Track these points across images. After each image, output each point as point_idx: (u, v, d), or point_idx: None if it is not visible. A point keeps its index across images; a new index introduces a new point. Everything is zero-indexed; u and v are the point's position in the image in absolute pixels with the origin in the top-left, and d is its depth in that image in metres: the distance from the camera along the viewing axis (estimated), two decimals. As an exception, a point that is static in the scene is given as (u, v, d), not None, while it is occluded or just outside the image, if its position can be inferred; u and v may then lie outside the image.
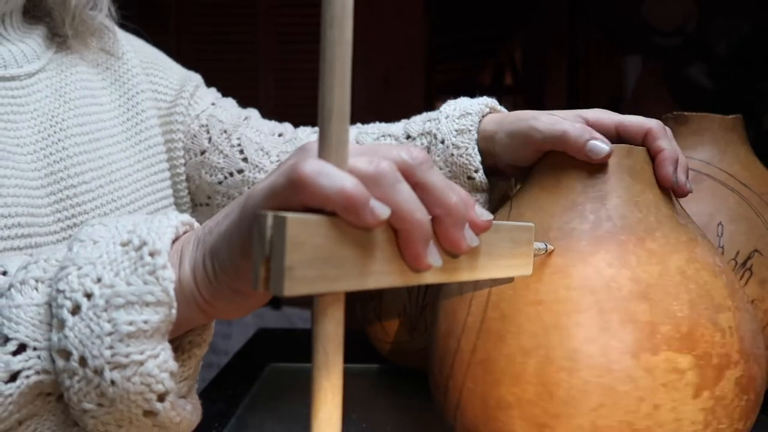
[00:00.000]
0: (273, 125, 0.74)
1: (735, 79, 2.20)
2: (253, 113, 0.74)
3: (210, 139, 0.69)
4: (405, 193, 0.30)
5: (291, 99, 2.30)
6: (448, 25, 3.24)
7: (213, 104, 0.71)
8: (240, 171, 0.69)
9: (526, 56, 3.51)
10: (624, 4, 2.51)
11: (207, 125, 0.69)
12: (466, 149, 0.57)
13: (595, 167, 0.47)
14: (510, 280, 0.45)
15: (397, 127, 0.65)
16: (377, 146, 0.32)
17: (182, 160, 0.69)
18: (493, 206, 0.60)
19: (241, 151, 0.69)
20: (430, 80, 2.51)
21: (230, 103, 0.74)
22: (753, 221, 0.61)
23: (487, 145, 0.57)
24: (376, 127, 0.67)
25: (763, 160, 0.66)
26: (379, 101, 2.26)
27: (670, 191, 0.48)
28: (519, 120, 0.53)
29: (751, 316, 0.46)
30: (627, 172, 0.47)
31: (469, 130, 0.58)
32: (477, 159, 0.57)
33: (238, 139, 0.69)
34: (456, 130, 0.58)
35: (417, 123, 0.63)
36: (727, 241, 0.60)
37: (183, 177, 0.69)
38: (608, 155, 0.46)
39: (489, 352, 0.44)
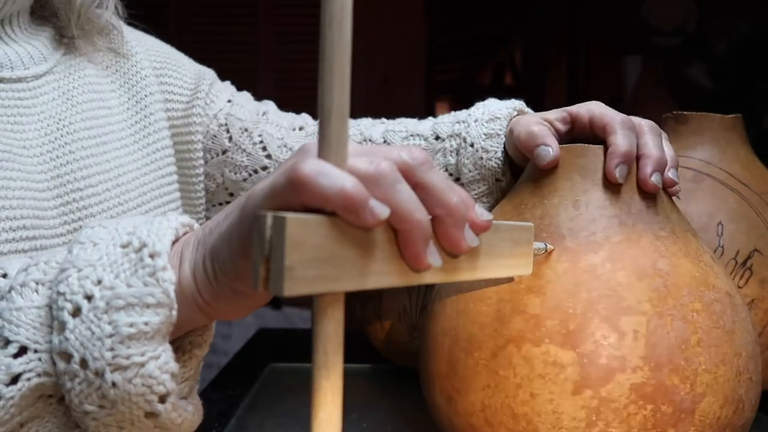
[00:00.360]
0: (292, 118, 0.74)
1: (735, 79, 2.20)
2: (270, 106, 0.74)
3: (231, 138, 0.69)
4: (405, 193, 0.30)
5: (291, 99, 2.28)
6: (448, 25, 3.24)
7: (229, 101, 0.71)
8: (264, 168, 0.69)
9: (526, 56, 3.51)
10: (624, 4, 2.51)
11: (226, 124, 0.69)
12: (495, 153, 0.58)
13: (556, 168, 0.49)
14: (510, 279, 0.45)
15: (425, 127, 0.65)
16: (377, 146, 0.32)
17: (201, 161, 0.68)
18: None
19: (264, 148, 0.69)
20: (429, 80, 2.50)
21: (246, 97, 0.74)
22: (753, 221, 0.61)
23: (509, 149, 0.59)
24: (404, 126, 0.67)
25: (763, 160, 0.66)
26: (378, 101, 2.26)
27: (637, 189, 0.47)
28: (517, 124, 0.54)
29: (700, 328, 0.43)
30: (577, 172, 0.48)
31: (498, 134, 0.59)
32: (505, 163, 0.59)
33: (260, 136, 0.69)
34: (485, 134, 0.59)
35: (446, 124, 0.64)
36: (727, 240, 0.60)
37: (201, 177, 0.69)
38: (553, 161, 0.48)
39: (425, 331, 0.51)
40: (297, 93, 2.33)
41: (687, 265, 0.45)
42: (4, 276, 0.38)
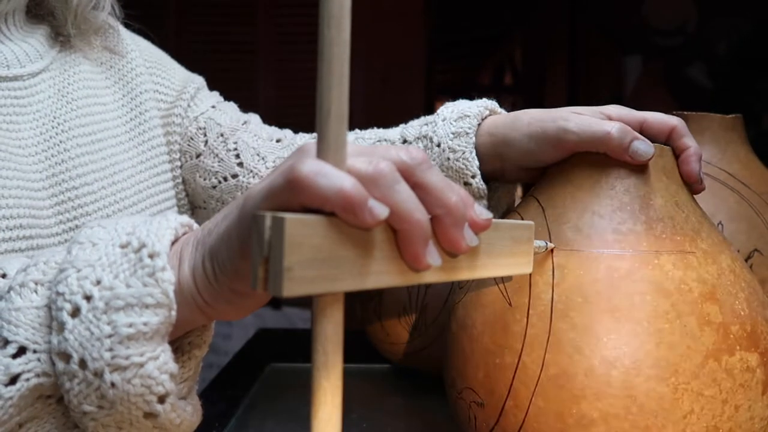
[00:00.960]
0: (272, 131, 0.72)
1: (735, 79, 2.20)
2: (254, 118, 0.73)
3: (206, 143, 0.68)
4: (404, 193, 0.30)
5: (291, 99, 2.30)
6: (448, 25, 3.24)
7: (213, 107, 0.71)
8: (234, 176, 0.67)
9: (526, 56, 3.50)
10: (624, 4, 2.51)
11: (204, 128, 0.68)
12: (463, 153, 0.55)
13: (632, 166, 0.46)
14: (510, 278, 0.45)
15: (394, 132, 0.64)
16: (376, 146, 0.32)
17: (178, 163, 0.68)
18: (494, 213, 0.58)
19: (237, 156, 0.68)
20: (429, 80, 2.50)
21: (231, 107, 0.73)
22: (753, 221, 0.61)
23: (496, 148, 0.54)
24: (374, 132, 0.66)
25: (763, 159, 0.66)
26: (378, 101, 2.26)
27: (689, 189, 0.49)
28: (542, 121, 0.50)
29: None
30: (662, 172, 0.47)
31: (467, 133, 0.55)
32: (475, 164, 0.55)
33: (235, 143, 0.68)
34: (453, 133, 0.56)
35: (414, 127, 0.62)
36: (727, 240, 0.60)
37: (180, 180, 0.68)
38: (652, 157, 0.46)
39: (563, 366, 0.42)
40: (297, 93, 2.33)
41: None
42: (3, 276, 0.38)
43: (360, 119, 0.72)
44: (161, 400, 0.34)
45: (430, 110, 0.65)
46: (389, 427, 0.66)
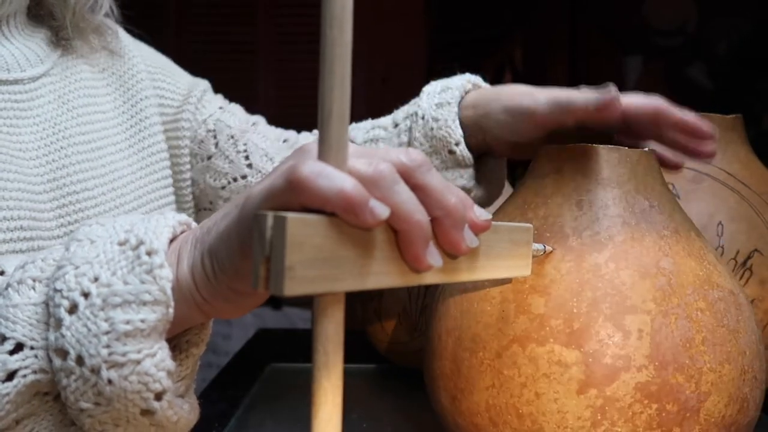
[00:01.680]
0: (279, 132, 0.73)
1: (735, 79, 2.20)
2: (261, 119, 0.74)
3: (217, 144, 0.69)
4: (404, 195, 0.30)
5: (291, 99, 2.30)
6: (448, 25, 3.24)
7: (221, 108, 0.71)
8: (244, 176, 0.68)
9: (526, 56, 3.50)
10: (624, 4, 2.51)
11: (215, 130, 0.69)
12: (446, 122, 0.56)
13: (612, 168, 0.47)
14: (509, 280, 0.45)
15: (387, 118, 0.65)
16: (375, 149, 0.32)
17: (188, 165, 0.68)
18: (485, 187, 0.59)
19: (247, 157, 0.69)
20: (429, 80, 2.50)
21: (238, 108, 0.74)
22: (753, 221, 0.61)
23: (478, 121, 0.56)
24: (369, 122, 0.68)
25: (763, 160, 0.66)
26: (378, 101, 2.26)
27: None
28: (519, 94, 0.52)
29: (704, 326, 0.43)
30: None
31: (449, 103, 0.57)
32: (458, 132, 0.56)
33: (245, 144, 0.69)
34: (436, 104, 0.57)
35: (402, 110, 0.64)
36: (727, 240, 0.60)
37: (188, 182, 0.69)
38: (618, 104, 0.46)
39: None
40: (297, 93, 2.33)
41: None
42: (2, 273, 0.38)
43: (361, 119, 0.72)
44: (158, 397, 0.34)
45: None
46: (389, 427, 0.66)
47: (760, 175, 0.64)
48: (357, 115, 0.69)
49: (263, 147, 0.69)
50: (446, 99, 0.57)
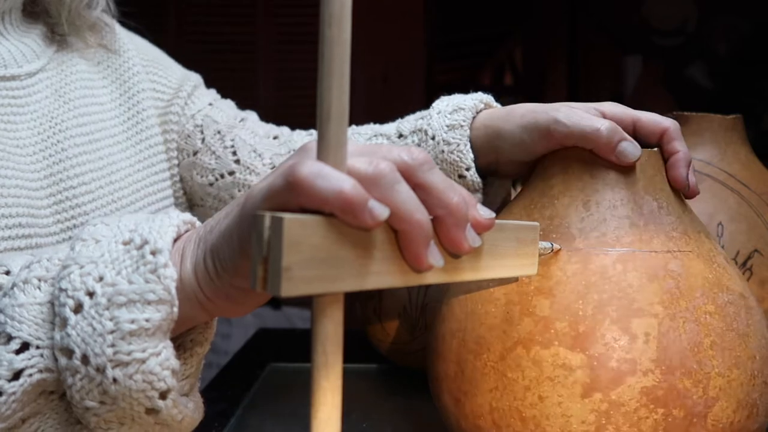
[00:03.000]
0: (269, 128, 0.72)
1: (735, 79, 2.20)
2: (251, 116, 0.73)
3: (203, 140, 0.68)
4: (404, 194, 0.30)
5: (291, 99, 2.30)
6: (448, 25, 3.24)
7: (210, 104, 0.70)
8: (231, 173, 0.67)
9: (526, 56, 3.50)
10: (624, 4, 2.51)
11: (202, 125, 0.68)
12: (458, 146, 0.55)
13: (619, 168, 0.46)
14: (515, 280, 0.45)
15: (390, 127, 0.64)
16: (377, 146, 0.32)
17: (176, 161, 0.68)
18: (492, 209, 0.59)
19: (234, 153, 0.67)
20: (429, 80, 2.50)
21: (228, 104, 0.73)
22: (753, 221, 0.61)
23: (490, 141, 0.55)
24: (370, 128, 0.66)
25: (763, 160, 0.66)
26: (378, 101, 2.26)
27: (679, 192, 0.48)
28: (535, 113, 0.50)
29: (713, 330, 0.42)
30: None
31: (461, 126, 0.55)
32: (469, 156, 0.55)
33: (232, 140, 0.68)
34: (447, 126, 0.56)
35: (409, 121, 0.62)
36: (727, 241, 0.60)
37: (177, 178, 0.68)
38: (638, 159, 0.45)
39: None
40: (297, 93, 2.33)
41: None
42: (7, 273, 0.38)
43: (360, 119, 0.72)
44: (163, 396, 0.34)
45: (430, 110, 0.65)
46: (389, 427, 0.66)
47: (760, 176, 0.64)
48: (356, 115, 0.69)
49: (251, 143, 0.68)
50: (458, 121, 0.56)
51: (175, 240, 0.35)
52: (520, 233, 0.40)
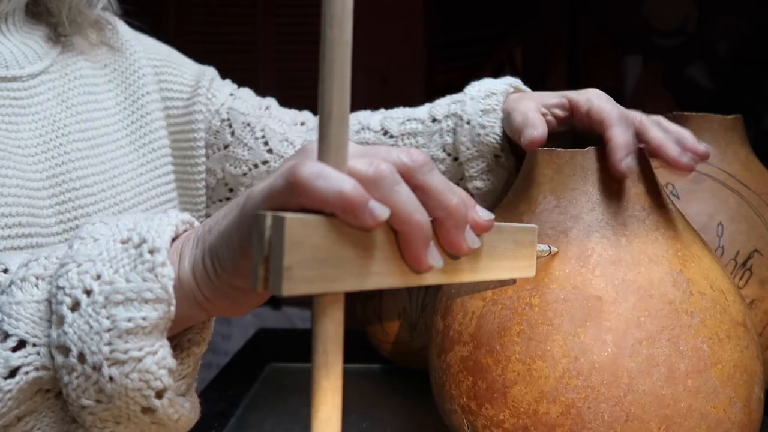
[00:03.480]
0: (294, 114, 0.74)
1: (735, 79, 2.20)
2: (272, 102, 0.74)
3: (233, 133, 0.69)
4: (404, 195, 0.30)
5: (291, 99, 2.28)
6: (448, 25, 3.24)
7: (231, 95, 0.71)
8: (265, 162, 0.69)
9: (526, 56, 3.50)
10: (624, 4, 2.51)
11: (228, 119, 0.69)
12: (492, 128, 0.58)
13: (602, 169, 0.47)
14: (513, 281, 0.45)
15: (423, 111, 0.65)
16: (377, 148, 0.32)
17: (203, 158, 0.68)
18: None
19: (266, 143, 0.69)
20: (429, 80, 2.50)
21: (248, 92, 0.74)
22: (753, 221, 0.61)
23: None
24: (401, 112, 0.68)
25: (763, 160, 0.66)
26: (378, 101, 2.25)
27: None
28: (514, 101, 0.55)
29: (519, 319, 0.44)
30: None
31: (495, 110, 0.58)
32: (504, 139, 0.58)
33: (262, 130, 0.69)
34: (482, 110, 0.59)
35: (442, 106, 0.64)
36: (727, 241, 0.60)
37: (202, 175, 0.68)
38: (536, 140, 0.49)
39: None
40: (297, 93, 2.32)
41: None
42: (5, 271, 0.38)
43: (360, 119, 0.72)
44: (159, 395, 0.34)
45: (430, 110, 0.65)
46: (389, 427, 0.66)
47: (760, 176, 0.64)
48: (357, 115, 0.69)
49: (280, 131, 0.70)
50: (492, 105, 0.59)
51: (174, 239, 0.35)
52: (518, 235, 0.41)
